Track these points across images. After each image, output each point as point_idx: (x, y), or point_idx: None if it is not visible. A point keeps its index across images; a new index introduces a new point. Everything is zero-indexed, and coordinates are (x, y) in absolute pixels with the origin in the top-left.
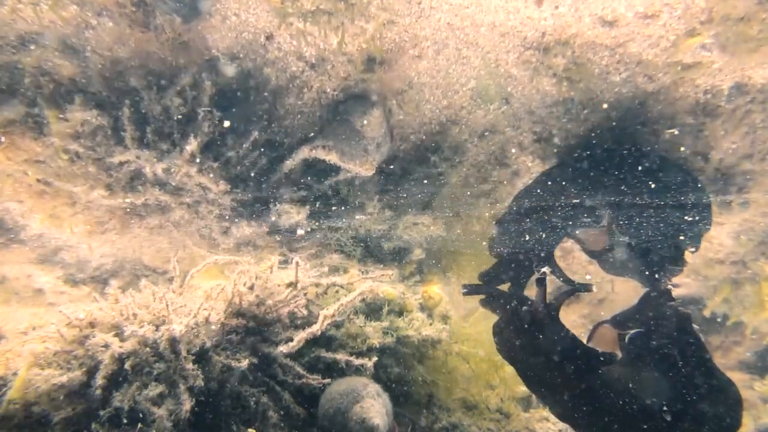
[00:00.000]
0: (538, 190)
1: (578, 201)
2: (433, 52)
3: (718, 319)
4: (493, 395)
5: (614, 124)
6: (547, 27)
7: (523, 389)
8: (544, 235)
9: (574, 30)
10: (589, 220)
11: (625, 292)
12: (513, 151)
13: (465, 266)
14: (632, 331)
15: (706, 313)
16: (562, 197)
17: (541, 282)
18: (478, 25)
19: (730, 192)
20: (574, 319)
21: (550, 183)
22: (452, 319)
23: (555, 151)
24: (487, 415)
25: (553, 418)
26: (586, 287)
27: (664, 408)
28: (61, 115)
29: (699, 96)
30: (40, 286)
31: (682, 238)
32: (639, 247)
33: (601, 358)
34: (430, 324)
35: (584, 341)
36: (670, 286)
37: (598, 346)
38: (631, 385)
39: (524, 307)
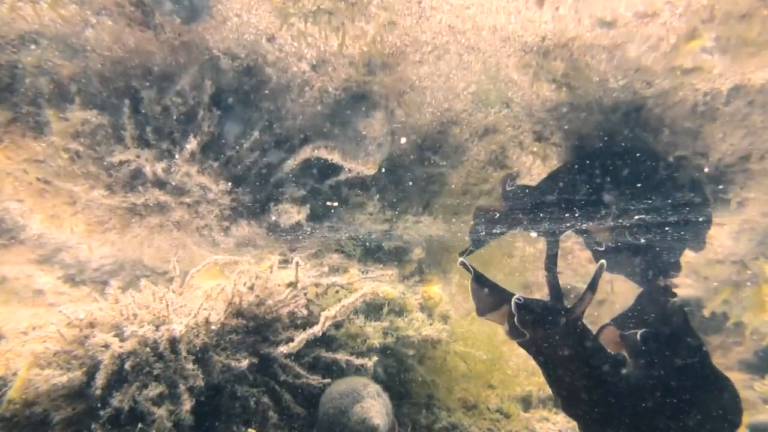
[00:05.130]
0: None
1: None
2: (434, 57)
3: (719, 319)
4: (493, 395)
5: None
6: (547, 30)
7: (521, 389)
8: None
9: (573, 33)
10: (596, 215)
11: (624, 292)
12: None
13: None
14: (641, 331)
15: (706, 313)
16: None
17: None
18: (479, 28)
19: (730, 192)
20: None
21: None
22: (452, 318)
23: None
24: (487, 415)
25: (553, 418)
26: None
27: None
28: (61, 115)
29: (698, 98)
30: (40, 287)
31: (685, 241)
32: (637, 248)
33: (614, 361)
34: (430, 324)
35: None
36: (668, 284)
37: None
38: (647, 387)
39: (562, 319)
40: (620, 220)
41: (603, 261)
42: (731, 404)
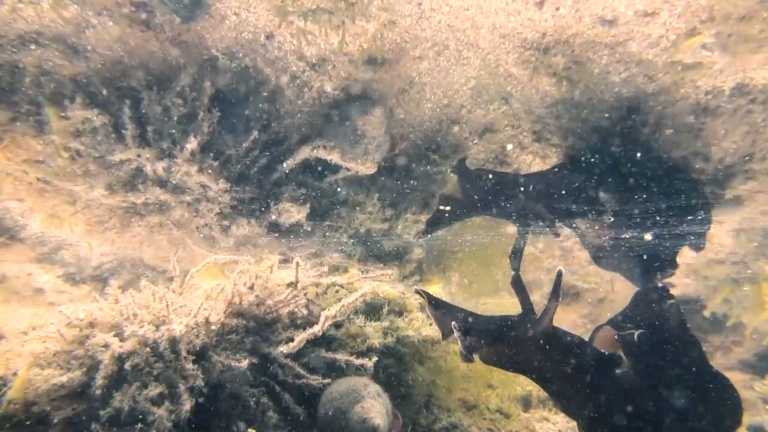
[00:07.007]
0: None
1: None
2: (433, 53)
3: (719, 319)
4: (493, 395)
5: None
6: (547, 27)
7: (521, 389)
8: None
9: (574, 30)
10: (592, 214)
11: (625, 292)
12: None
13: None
14: (638, 332)
15: (706, 313)
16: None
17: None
18: (478, 27)
19: (729, 192)
20: (574, 319)
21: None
22: None
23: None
24: (487, 415)
25: (553, 418)
26: None
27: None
28: (62, 113)
29: (700, 97)
30: (40, 285)
31: (684, 240)
32: (633, 248)
33: (609, 361)
34: (430, 324)
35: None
36: (665, 284)
37: (601, 348)
38: (645, 388)
39: (529, 330)
40: (611, 219)
41: (560, 268)
42: (731, 405)
